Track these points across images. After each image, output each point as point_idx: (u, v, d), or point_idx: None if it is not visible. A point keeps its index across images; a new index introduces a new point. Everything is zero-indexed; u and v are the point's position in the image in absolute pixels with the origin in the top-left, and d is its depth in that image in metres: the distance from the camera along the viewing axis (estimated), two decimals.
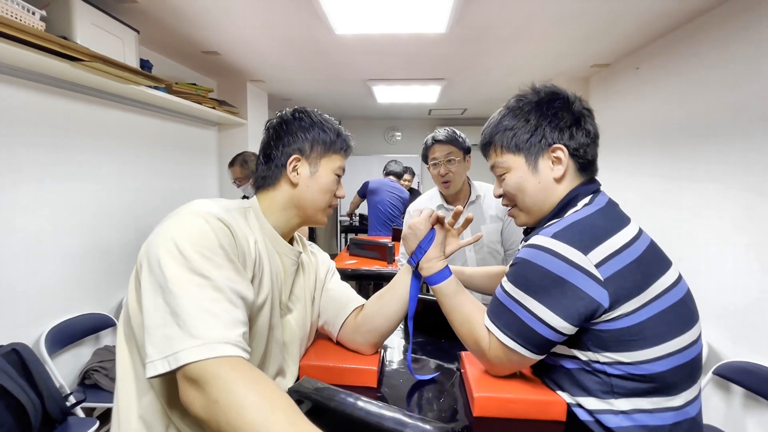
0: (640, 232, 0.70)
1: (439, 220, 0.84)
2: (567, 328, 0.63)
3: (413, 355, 0.96)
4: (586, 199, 0.72)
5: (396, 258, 2.21)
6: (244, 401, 0.48)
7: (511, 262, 0.72)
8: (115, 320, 1.89)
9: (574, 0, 1.66)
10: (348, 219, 4.60)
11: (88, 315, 1.79)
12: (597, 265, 0.62)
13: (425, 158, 1.55)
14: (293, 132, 0.77)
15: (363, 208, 3.91)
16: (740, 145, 1.55)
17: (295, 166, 0.76)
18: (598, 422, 0.66)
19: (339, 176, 0.81)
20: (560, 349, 0.70)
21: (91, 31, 1.55)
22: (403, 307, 0.84)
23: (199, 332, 0.51)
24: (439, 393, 0.79)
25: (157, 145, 2.33)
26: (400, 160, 3.67)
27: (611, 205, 0.73)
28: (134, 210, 2.12)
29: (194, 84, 2.37)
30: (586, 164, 0.75)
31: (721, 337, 1.60)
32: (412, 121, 5.28)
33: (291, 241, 0.83)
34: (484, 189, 1.58)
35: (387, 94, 3.48)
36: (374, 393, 0.78)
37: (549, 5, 1.71)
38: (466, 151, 1.50)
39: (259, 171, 0.80)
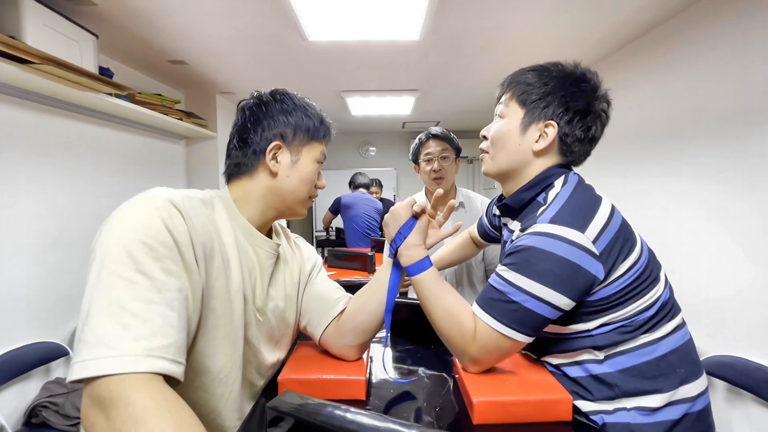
0: (611, 203, 0.74)
1: (422, 211, 0.80)
2: (567, 303, 0.65)
3: (402, 365, 0.90)
4: (561, 179, 0.74)
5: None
6: None
7: (508, 251, 0.69)
8: (69, 349, 1.70)
9: (544, 11, 1.71)
10: (324, 233, 4.51)
11: (35, 344, 1.60)
12: (593, 241, 0.65)
13: (416, 155, 1.48)
14: (273, 115, 0.71)
15: (338, 221, 3.83)
16: (707, 146, 1.60)
17: (275, 154, 0.71)
18: (591, 375, 0.70)
19: (320, 163, 0.76)
20: (553, 328, 0.71)
21: (44, 33, 1.44)
22: (384, 300, 0.78)
23: (109, 340, 0.44)
24: (435, 402, 0.73)
25: (119, 159, 2.18)
26: (375, 173, 3.64)
27: (581, 179, 0.77)
28: (90, 229, 1.96)
29: (160, 95, 2.26)
30: (567, 152, 0.76)
31: (701, 333, 1.61)
32: (386, 135, 5.31)
33: (270, 233, 0.79)
34: (469, 197, 1.52)
35: (361, 106, 3.47)
36: (363, 406, 0.71)
37: (519, 16, 1.75)
38: (458, 152, 1.46)
39: (232, 157, 0.73)
